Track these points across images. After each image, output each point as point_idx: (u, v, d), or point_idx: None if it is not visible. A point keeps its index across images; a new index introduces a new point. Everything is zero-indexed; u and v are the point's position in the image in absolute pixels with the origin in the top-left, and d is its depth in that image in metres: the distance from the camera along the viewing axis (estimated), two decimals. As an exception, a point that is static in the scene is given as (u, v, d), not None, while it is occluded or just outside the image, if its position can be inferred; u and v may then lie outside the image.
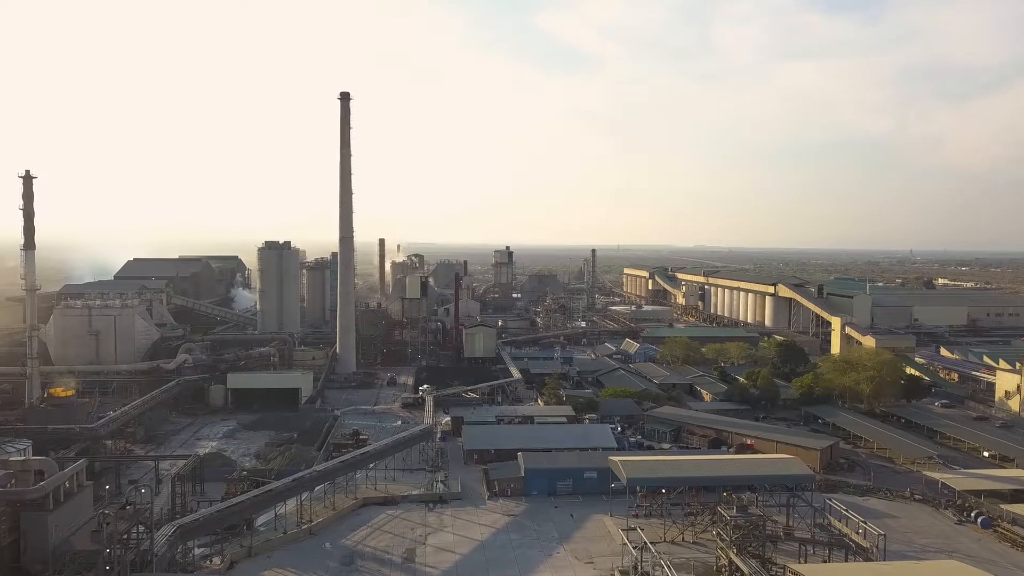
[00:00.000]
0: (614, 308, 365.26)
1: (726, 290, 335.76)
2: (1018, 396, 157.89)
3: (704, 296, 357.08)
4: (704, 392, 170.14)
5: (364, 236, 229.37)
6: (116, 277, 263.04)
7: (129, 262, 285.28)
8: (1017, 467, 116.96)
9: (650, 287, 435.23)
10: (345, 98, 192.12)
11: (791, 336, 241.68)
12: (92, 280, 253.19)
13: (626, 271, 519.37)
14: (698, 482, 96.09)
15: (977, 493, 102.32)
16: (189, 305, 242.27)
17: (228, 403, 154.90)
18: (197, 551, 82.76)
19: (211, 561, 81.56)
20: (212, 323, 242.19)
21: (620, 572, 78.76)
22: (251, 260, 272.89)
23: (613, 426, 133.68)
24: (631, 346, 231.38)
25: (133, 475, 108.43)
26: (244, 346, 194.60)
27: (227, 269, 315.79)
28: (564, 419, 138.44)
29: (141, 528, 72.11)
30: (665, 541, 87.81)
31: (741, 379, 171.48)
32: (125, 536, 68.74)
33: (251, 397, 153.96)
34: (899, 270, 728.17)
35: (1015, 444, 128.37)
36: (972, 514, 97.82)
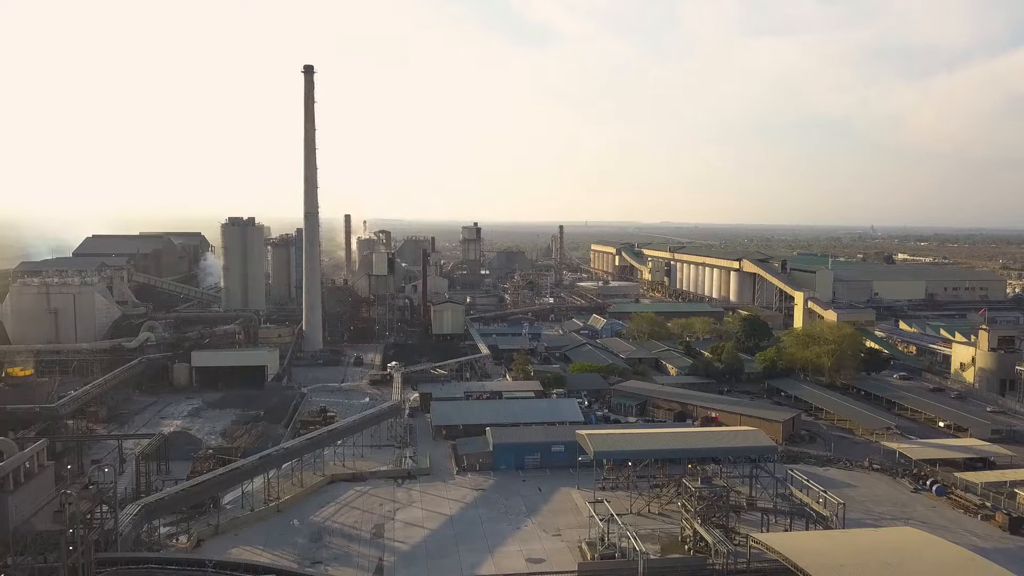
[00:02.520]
0: (581, 284, 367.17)
1: (692, 266, 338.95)
2: (972, 368, 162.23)
3: (670, 272, 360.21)
4: (670, 366, 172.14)
5: (330, 212, 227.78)
6: (75, 254, 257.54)
7: (88, 239, 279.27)
8: (971, 436, 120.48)
9: (617, 263, 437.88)
10: (309, 71, 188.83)
11: (755, 311, 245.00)
12: (50, 257, 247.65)
13: (593, 247, 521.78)
14: (663, 455, 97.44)
15: (932, 462, 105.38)
16: (151, 282, 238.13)
17: (193, 381, 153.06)
18: (163, 530, 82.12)
19: (177, 540, 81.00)
20: (175, 301, 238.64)
21: (587, 544, 79.86)
22: (214, 237, 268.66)
23: (580, 400, 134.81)
24: (598, 321, 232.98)
25: (96, 455, 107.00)
26: (208, 324, 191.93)
27: (189, 246, 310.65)
28: (532, 394, 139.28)
29: (104, 508, 71.29)
30: (631, 513, 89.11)
31: (706, 353, 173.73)
32: (88, 516, 67.89)
33: (216, 375, 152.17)
34: (860, 245, 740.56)
35: (969, 414, 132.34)
36: (927, 482, 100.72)
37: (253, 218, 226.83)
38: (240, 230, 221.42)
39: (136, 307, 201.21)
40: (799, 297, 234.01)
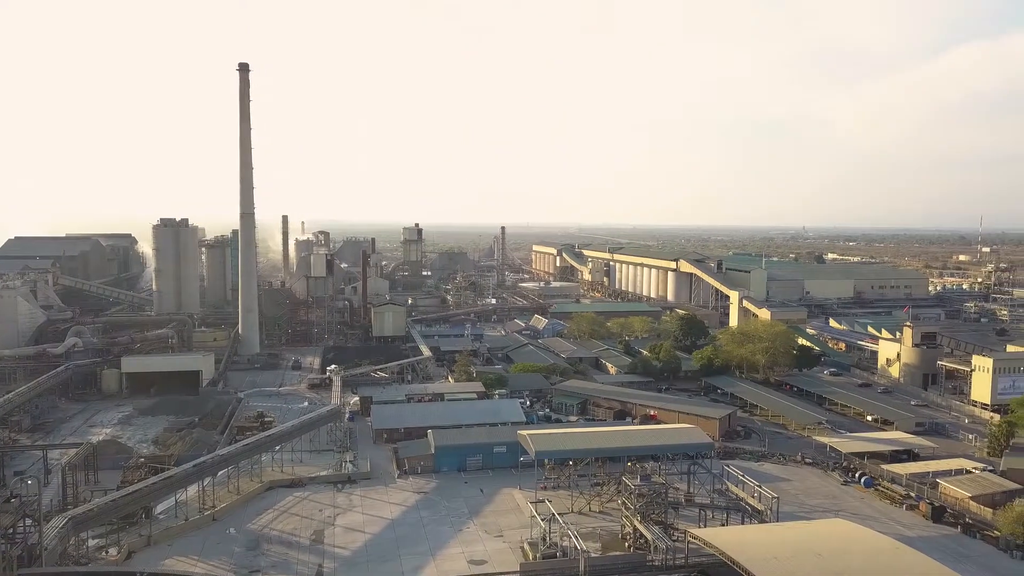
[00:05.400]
0: (523, 285, 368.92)
1: (630, 266, 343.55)
2: (898, 363, 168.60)
3: (609, 272, 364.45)
4: (609, 365, 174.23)
5: (267, 213, 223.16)
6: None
7: (10, 240, 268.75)
8: (896, 430, 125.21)
9: (558, 264, 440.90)
10: (244, 69, 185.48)
11: (692, 310, 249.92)
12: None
13: (535, 248, 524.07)
14: (604, 453, 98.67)
15: (861, 455, 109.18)
16: (78, 286, 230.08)
17: (123, 388, 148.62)
18: (92, 542, 79.36)
19: (107, 552, 78.44)
20: (104, 304, 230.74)
21: (529, 544, 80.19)
22: (146, 239, 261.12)
23: (522, 400, 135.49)
24: (539, 322, 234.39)
25: (19, 466, 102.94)
26: (140, 328, 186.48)
27: (119, 248, 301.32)
28: (474, 395, 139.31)
29: (28, 521, 68.54)
30: (573, 512, 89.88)
31: (645, 352, 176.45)
32: (10, 530, 65.26)
33: (148, 381, 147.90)
34: (792, 245, 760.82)
35: (894, 408, 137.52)
36: (856, 475, 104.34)
37: (186, 219, 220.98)
38: (173, 232, 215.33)
39: (62, 311, 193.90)
40: (734, 296, 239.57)
